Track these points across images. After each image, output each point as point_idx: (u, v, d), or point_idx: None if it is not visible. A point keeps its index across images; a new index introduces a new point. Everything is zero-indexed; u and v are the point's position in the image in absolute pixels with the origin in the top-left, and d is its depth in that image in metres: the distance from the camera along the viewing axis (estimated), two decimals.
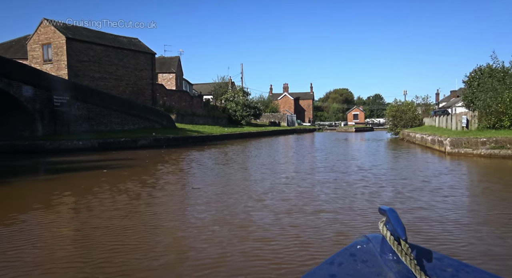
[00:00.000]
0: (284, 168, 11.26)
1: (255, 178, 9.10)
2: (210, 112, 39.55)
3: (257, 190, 7.56)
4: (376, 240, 1.05)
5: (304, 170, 10.63)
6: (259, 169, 10.74)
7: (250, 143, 24.77)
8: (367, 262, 0.98)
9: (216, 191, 7.48)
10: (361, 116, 70.78)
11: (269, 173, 10.00)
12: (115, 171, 10.52)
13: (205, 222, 5.31)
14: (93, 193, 7.36)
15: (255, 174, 9.84)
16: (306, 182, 8.50)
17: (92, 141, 17.97)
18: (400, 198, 6.74)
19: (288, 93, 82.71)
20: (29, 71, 18.02)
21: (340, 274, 0.94)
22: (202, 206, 6.24)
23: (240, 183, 8.45)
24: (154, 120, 25.64)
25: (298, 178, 9.05)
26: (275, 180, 8.83)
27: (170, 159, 14.66)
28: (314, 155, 15.84)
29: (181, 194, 7.33)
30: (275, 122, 53.23)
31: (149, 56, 31.58)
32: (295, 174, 9.89)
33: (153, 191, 7.50)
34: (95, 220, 5.42)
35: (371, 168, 10.85)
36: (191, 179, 9.30)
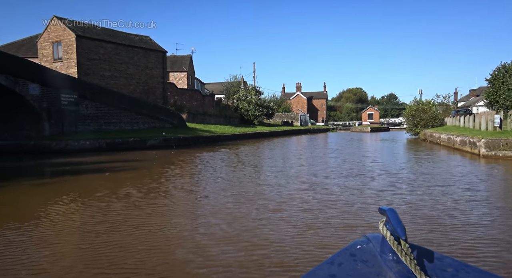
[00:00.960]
0: (301, 171, 10.32)
1: (269, 183, 8.21)
2: (222, 112, 38.80)
3: (272, 198, 6.66)
4: (376, 240, 1.04)
5: (323, 173, 9.68)
6: (273, 173, 9.83)
7: (263, 143, 23.88)
8: (367, 262, 0.97)
9: (227, 199, 6.61)
10: (376, 116, 69.11)
11: (285, 177, 9.09)
12: (118, 173, 9.76)
13: (212, 238, 4.44)
14: (87, 201, 6.58)
15: (270, 178, 8.94)
16: (327, 188, 7.55)
17: (100, 141, 17.34)
18: (447, 210, 5.74)
19: (301, 93, 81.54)
20: (36, 68, 17.49)
21: (340, 274, 0.93)
22: (210, 218, 5.38)
23: (253, 189, 7.56)
24: (164, 120, 24.98)
25: (318, 183, 8.11)
26: (292, 185, 7.91)
27: (179, 160, 13.89)
28: (332, 156, 14.83)
29: (187, 202, 6.48)
30: (288, 122, 52.19)
31: (160, 55, 30.98)
32: (314, 178, 8.94)
33: (155, 199, 6.67)
34: (74, 240, 4.61)
35: (398, 172, 9.82)
36: (200, 184, 8.45)
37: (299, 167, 11.48)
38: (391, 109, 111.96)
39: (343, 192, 7.17)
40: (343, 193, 7.08)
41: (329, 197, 6.71)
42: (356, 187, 7.63)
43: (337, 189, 7.48)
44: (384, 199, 6.53)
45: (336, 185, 7.88)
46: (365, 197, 6.69)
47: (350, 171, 10.03)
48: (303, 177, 9.17)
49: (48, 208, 6.12)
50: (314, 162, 12.88)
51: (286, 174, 9.66)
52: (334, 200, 6.41)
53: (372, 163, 12.28)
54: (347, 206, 6.04)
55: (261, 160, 13.40)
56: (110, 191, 7.31)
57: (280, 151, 18.10)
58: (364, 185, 7.93)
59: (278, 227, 4.93)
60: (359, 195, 6.82)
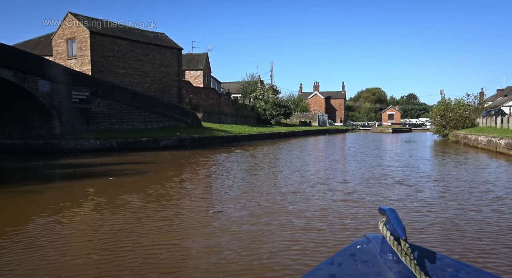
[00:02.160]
0: (328, 178, 9.11)
1: (292, 190, 7.06)
2: (238, 111, 37.81)
3: (297, 210, 5.53)
4: (376, 240, 1.03)
5: (356, 179, 8.45)
6: (297, 179, 8.67)
7: (281, 144, 22.71)
8: (367, 262, 0.96)
9: (243, 212, 5.51)
10: (397, 116, 66.87)
11: (310, 184, 7.92)
12: (123, 178, 8.80)
13: (224, 269, 3.35)
14: (77, 212, 5.59)
15: (292, 186, 7.78)
16: (366, 200, 6.34)
17: (111, 140, 16.54)
18: None
19: (318, 92, 79.95)
20: (46, 64, 16.83)
21: (340, 274, 0.92)
22: (225, 238, 4.29)
23: (274, 199, 6.43)
24: (179, 119, 24.12)
25: (353, 193, 6.90)
26: (320, 195, 6.74)
27: (192, 162, 12.89)
28: (360, 159, 13.52)
29: (197, 217, 5.40)
30: (306, 122, 50.81)
31: (176, 52, 30.19)
32: (344, 186, 7.71)
33: (159, 210, 5.62)
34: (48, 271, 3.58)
35: (443, 178, 8.50)
36: (213, 192, 7.38)
37: (324, 171, 10.27)
38: (411, 110, 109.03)
39: (385, 204, 5.97)
40: (386, 205, 5.87)
41: (370, 212, 5.52)
42: (403, 199, 6.40)
43: (376, 199, 6.27)
44: (449, 215, 5.30)
45: (375, 195, 6.67)
46: (412, 210, 5.48)
47: (390, 177, 8.78)
48: (331, 184, 7.98)
49: (22, 225, 5.08)
50: (340, 165, 11.64)
51: (311, 179, 8.49)
52: (377, 216, 5.22)
53: (411, 167, 10.96)
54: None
55: (280, 163, 12.26)
56: (108, 199, 6.33)
57: (300, 153, 16.90)
58: (410, 195, 6.69)
59: (311, 253, 3.79)
60: (409, 208, 5.61)
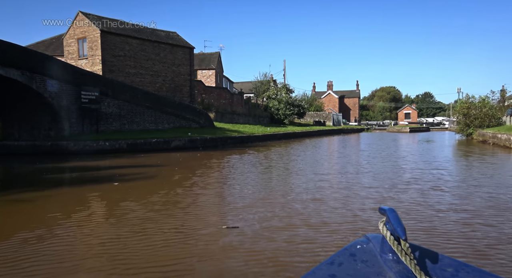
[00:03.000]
0: (352, 182, 8.25)
1: (313, 197, 6.27)
2: (251, 111, 37.09)
3: (321, 223, 4.74)
4: (376, 240, 1.03)
5: (383, 184, 7.58)
6: (317, 184, 7.87)
7: (296, 145, 21.88)
8: (367, 262, 0.96)
9: (258, 225, 4.75)
10: (414, 115, 65.11)
11: (333, 190, 7.11)
12: (129, 183, 8.14)
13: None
14: (66, 223, 4.92)
15: (313, 191, 6.98)
16: (402, 210, 5.50)
17: (120, 141, 16.00)
18: None
19: (332, 91, 78.67)
20: (54, 64, 16.40)
21: (340, 274, 0.91)
22: (239, 260, 3.55)
23: (293, 209, 5.66)
24: (191, 119, 23.52)
25: (385, 202, 6.06)
26: (346, 203, 5.92)
27: (204, 164, 12.20)
28: (382, 161, 12.59)
29: (207, 233, 4.66)
30: (320, 121, 49.76)
31: (188, 51, 29.64)
32: (370, 192, 6.87)
33: (163, 225, 4.89)
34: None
35: (483, 183, 7.57)
36: (226, 200, 6.64)
37: (346, 174, 9.42)
38: (427, 109, 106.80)
39: (433, 216, 5.12)
40: (432, 218, 5.03)
41: (422, 224, 4.69)
42: (443, 207, 5.55)
43: (413, 209, 5.43)
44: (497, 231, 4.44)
45: (411, 202, 5.83)
46: (462, 223, 4.63)
47: (415, 181, 7.90)
48: (356, 189, 7.15)
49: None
50: (362, 168, 10.77)
51: (333, 184, 7.67)
52: (423, 229, 4.39)
53: (436, 169, 10.02)
54: (466, 243, 4.01)
55: (297, 165, 11.46)
56: (106, 208, 5.67)
57: (317, 154, 16.06)
58: (452, 203, 5.83)
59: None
60: (451, 220, 4.76)
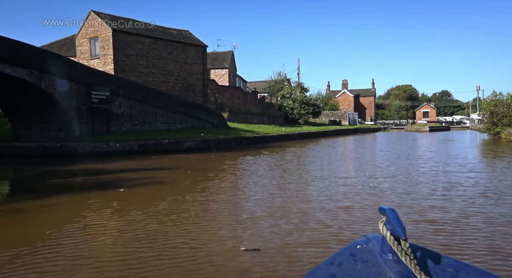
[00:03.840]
0: (382, 188, 7.34)
1: (339, 205, 5.44)
2: (265, 110, 36.29)
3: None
4: (376, 240, 1.03)
5: (419, 190, 6.67)
6: (342, 190, 7.03)
7: (313, 145, 20.99)
8: (367, 262, 0.96)
9: (279, 241, 3.96)
10: (432, 114, 63.21)
11: (361, 198, 6.26)
12: (136, 189, 7.45)
13: None
14: (55, 242, 4.22)
15: (338, 198, 6.15)
16: (453, 223, 4.62)
17: (131, 143, 15.43)
18: None
19: (347, 90, 77.27)
20: (64, 62, 15.94)
21: (340, 274, 0.91)
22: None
23: (319, 220, 4.84)
24: (204, 119, 22.88)
25: (426, 213, 5.19)
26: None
27: (218, 167, 11.47)
28: (410, 163, 11.59)
29: (218, 251, 3.89)
30: (336, 121, 48.60)
31: (200, 49, 29.03)
32: (405, 200, 6.00)
33: (167, 242, 4.14)
34: None
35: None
36: (241, 210, 5.87)
37: (372, 178, 8.53)
38: (444, 107, 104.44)
39: (497, 232, 4.23)
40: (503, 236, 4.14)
41: (492, 241, 3.83)
42: (504, 220, 4.66)
43: (470, 222, 4.56)
44: None
45: (463, 213, 4.94)
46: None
47: (453, 187, 6.98)
48: (387, 196, 6.28)
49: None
50: (389, 171, 9.86)
51: (360, 189, 6.82)
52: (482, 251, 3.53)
53: (473, 172, 9.04)
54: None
55: (317, 168, 10.62)
56: (107, 221, 4.97)
57: (336, 155, 15.17)
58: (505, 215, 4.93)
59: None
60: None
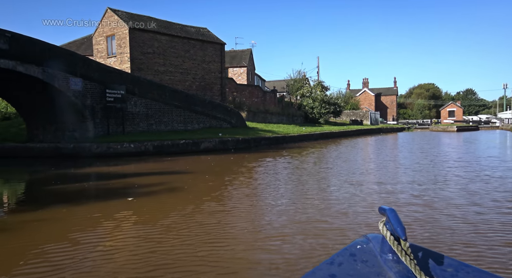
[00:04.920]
0: (432, 202, 6.26)
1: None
2: (284, 110, 35.24)
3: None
4: (376, 240, 1.03)
5: (488, 202, 5.59)
6: (385, 202, 5.99)
7: (336, 146, 19.85)
8: (367, 262, 0.96)
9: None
10: (458, 113, 60.61)
11: (408, 211, 5.22)
12: (146, 198, 6.61)
13: None
14: (33, 274, 3.38)
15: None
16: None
17: (146, 143, 14.72)
18: None
19: (368, 89, 75.35)
20: (78, 60, 15.37)
21: (340, 274, 0.91)
22: None
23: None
24: (221, 119, 22.07)
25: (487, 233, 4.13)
26: (440, 238, 4.04)
27: (238, 171, 10.56)
28: (451, 166, 10.39)
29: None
30: (357, 120, 47.06)
31: (218, 47, 28.26)
32: (468, 215, 4.93)
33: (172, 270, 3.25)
34: None
35: None
36: (262, 226, 4.92)
37: (416, 189, 7.43)
38: (469, 106, 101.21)
39: None
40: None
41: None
42: None
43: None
44: None
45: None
46: None
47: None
48: (442, 211, 5.22)
49: None
50: (430, 176, 8.71)
51: (407, 202, 5.78)
52: None
53: None
54: None
55: (346, 172, 9.56)
56: (103, 242, 4.11)
57: (366, 159, 14.03)
58: None
59: None
60: None
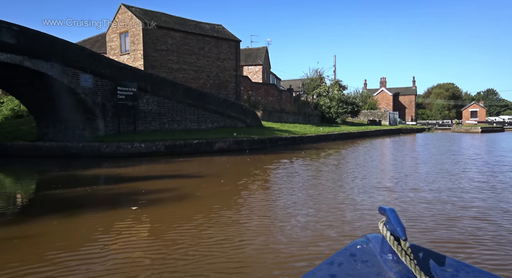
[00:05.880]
0: (493, 211, 5.29)
1: (427, 239, 3.52)
2: (300, 109, 34.25)
3: None
4: (376, 240, 1.03)
5: None
6: (439, 224, 5.05)
7: (356, 147, 18.81)
8: (367, 262, 0.96)
9: None
10: (481, 113, 58.35)
11: (456, 232, 4.27)
12: (153, 206, 5.83)
13: None
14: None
15: (425, 236, 4.20)
16: None
17: (157, 143, 14.04)
18: None
19: (385, 89, 73.54)
20: (88, 55, 14.80)
21: (340, 274, 0.91)
22: None
23: None
24: (236, 118, 21.29)
25: None
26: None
27: (256, 174, 9.71)
28: (495, 170, 9.30)
29: None
30: (375, 120, 45.62)
31: (233, 44, 27.49)
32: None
33: None
34: None
35: None
36: (283, 246, 4.06)
37: (468, 195, 6.44)
38: (490, 107, 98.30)
39: None
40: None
41: None
42: None
43: None
44: None
45: None
46: None
47: None
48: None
49: None
50: (476, 186, 7.69)
51: (458, 217, 4.84)
52: None
53: None
54: None
55: (376, 180, 8.60)
56: (85, 262, 3.33)
57: (392, 160, 12.99)
58: None
59: None
60: None
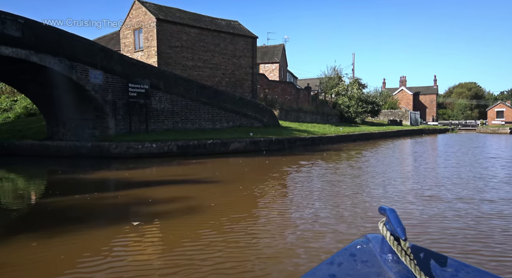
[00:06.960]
0: None
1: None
2: (318, 108, 33.08)
3: None
4: (376, 240, 1.02)
5: None
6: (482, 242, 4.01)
7: (379, 148, 17.61)
8: (367, 262, 0.96)
9: None
10: (508, 113, 55.66)
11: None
12: (157, 222, 4.96)
13: None
14: None
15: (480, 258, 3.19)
16: None
17: (169, 143, 13.24)
18: None
19: (405, 88, 71.45)
20: (98, 50, 14.13)
21: (339, 274, 0.91)
22: None
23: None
24: (252, 117, 20.37)
25: None
26: None
27: (276, 178, 8.76)
28: None
29: None
30: (396, 120, 43.95)
31: (250, 41, 26.56)
32: None
33: None
34: None
35: None
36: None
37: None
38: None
39: None
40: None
41: None
42: None
43: None
44: None
45: None
46: None
47: None
48: None
49: None
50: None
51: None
52: None
53: None
54: None
55: (411, 185, 7.52)
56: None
57: (422, 164, 11.82)
58: None
59: None
60: None
